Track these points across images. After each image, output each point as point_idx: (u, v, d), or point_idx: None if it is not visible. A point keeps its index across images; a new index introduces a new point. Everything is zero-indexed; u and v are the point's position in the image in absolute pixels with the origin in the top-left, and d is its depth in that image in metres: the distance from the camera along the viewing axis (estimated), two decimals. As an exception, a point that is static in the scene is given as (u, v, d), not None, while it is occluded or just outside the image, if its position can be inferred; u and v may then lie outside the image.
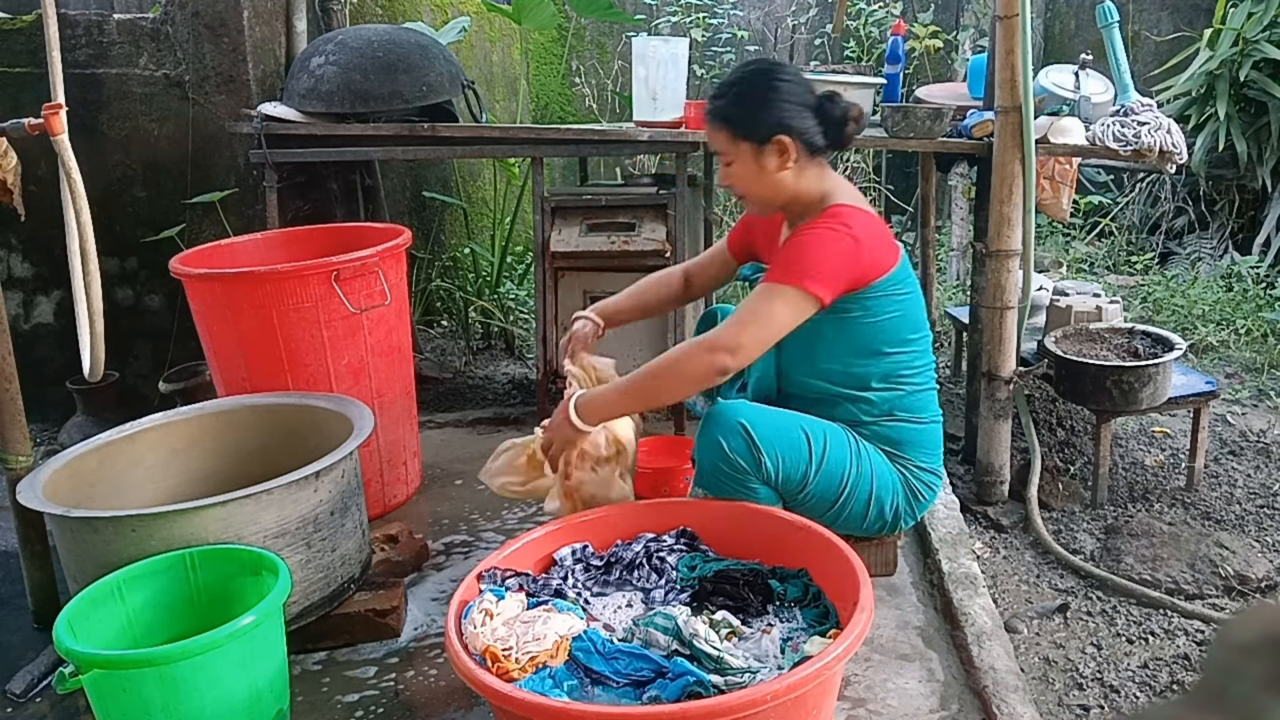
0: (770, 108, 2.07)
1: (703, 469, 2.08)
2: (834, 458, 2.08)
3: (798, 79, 2.13)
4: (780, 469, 2.03)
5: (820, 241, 2.01)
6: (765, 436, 2.01)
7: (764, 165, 2.09)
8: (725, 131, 2.11)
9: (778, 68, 2.15)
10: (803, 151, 2.09)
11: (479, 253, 4.38)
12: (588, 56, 6.20)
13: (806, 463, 2.05)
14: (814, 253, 2.01)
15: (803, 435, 2.06)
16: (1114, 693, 2.06)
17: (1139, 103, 2.78)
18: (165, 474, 2.42)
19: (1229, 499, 2.85)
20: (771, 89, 2.08)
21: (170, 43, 3.40)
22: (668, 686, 1.59)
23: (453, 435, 3.38)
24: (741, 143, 2.09)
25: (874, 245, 2.06)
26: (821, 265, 1.99)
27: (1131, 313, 4.33)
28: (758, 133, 2.07)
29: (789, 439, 2.04)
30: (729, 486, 2.05)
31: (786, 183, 2.11)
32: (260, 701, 1.78)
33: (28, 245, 3.54)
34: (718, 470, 2.04)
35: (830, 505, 2.11)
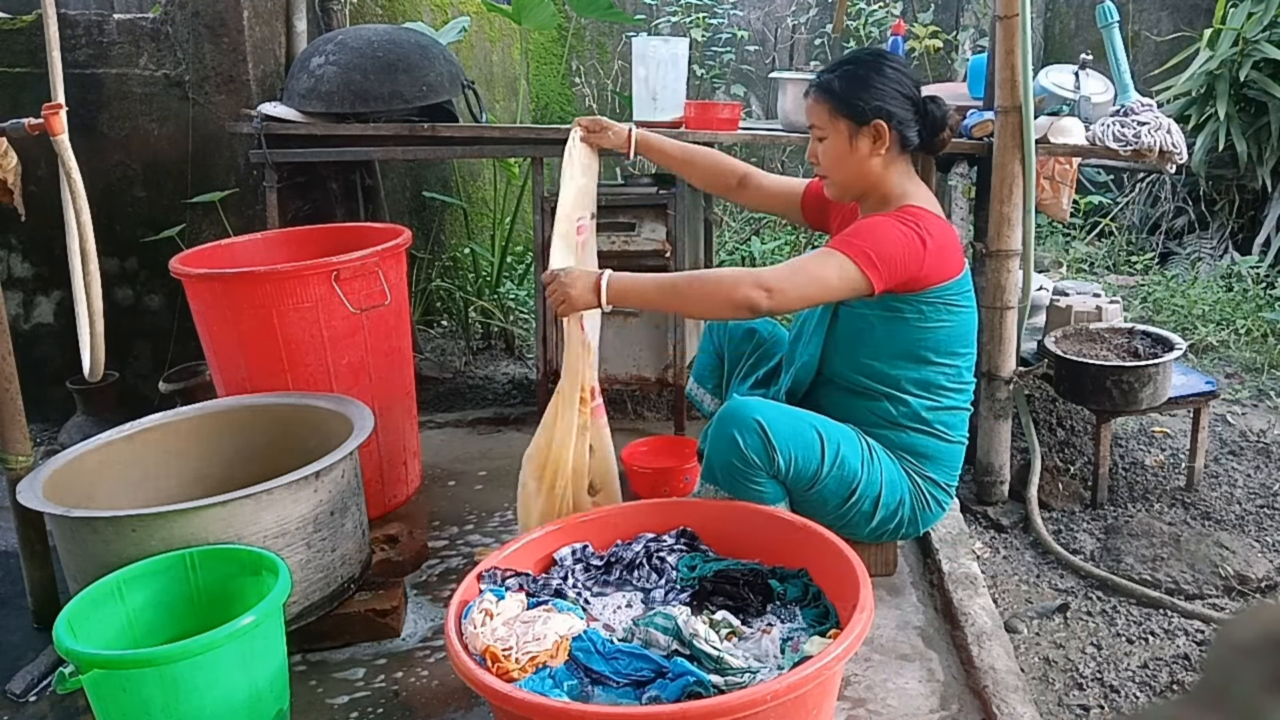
0: (875, 90, 2.08)
1: (713, 464, 2.08)
2: (846, 460, 2.09)
3: (908, 71, 2.15)
4: (793, 466, 2.03)
5: (890, 229, 2.02)
6: (780, 434, 2.02)
7: (856, 146, 2.10)
8: (827, 104, 2.12)
9: (891, 56, 2.17)
10: (895, 142, 2.11)
11: (479, 253, 4.38)
12: (588, 56, 6.20)
13: (819, 463, 2.06)
14: (881, 236, 2.01)
15: (816, 435, 2.07)
16: (1114, 693, 2.06)
17: (1139, 103, 2.78)
18: (165, 474, 2.42)
19: (1229, 499, 2.85)
20: (881, 74, 2.10)
21: (170, 43, 3.40)
22: (668, 686, 1.59)
23: (453, 435, 3.38)
24: (840, 119, 2.11)
25: (941, 251, 2.06)
26: (885, 249, 1.99)
27: (1131, 313, 4.33)
28: (859, 112, 2.09)
29: (803, 438, 2.05)
30: (739, 483, 2.05)
31: (872, 169, 2.12)
32: (260, 701, 1.78)
33: (28, 245, 3.54)
34: (731, 467, 2.04)
35: (838, 506, 2.12)
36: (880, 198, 2.16)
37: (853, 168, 2.13)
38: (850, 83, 2.10)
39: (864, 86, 2.09)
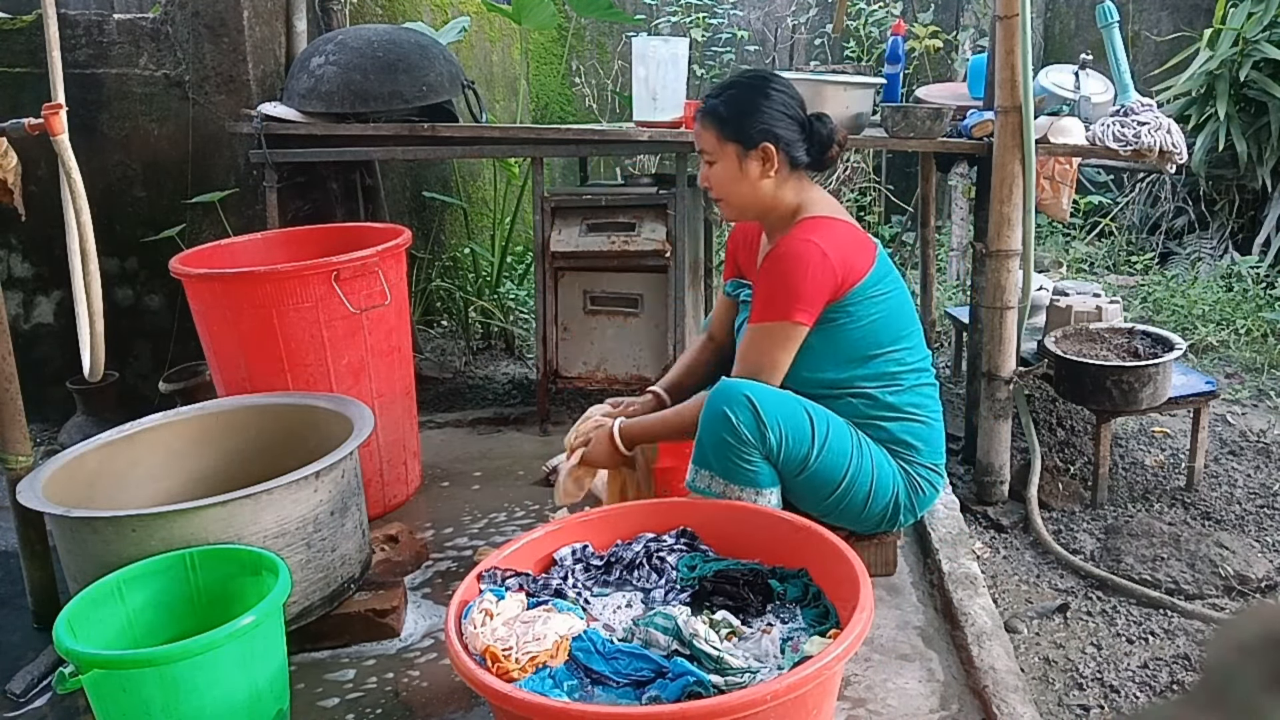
0: (761, 114, 2.11)
1: (705, 444, 2.08)
2: (836, 442, 2.10)
3: (792, 92, 2.17)
4: (784, 445, 2.04)
5: (793, 266, 2.06)
6: (771, 410, 2.03)
7: (746, 170, 2.14)
8: (714, 131, 2.14)
9: (775, 78, 2.19)
10: (784, 163, 2.13)
11: (479, 253, 4.38)
12: (588, 56, 6.20)
13: (809, 443, 2.06)
14: (789, 280, 2.06)
15: (806, 415, 2.08)
16: (1114, 693, 2.06)
17: (1139, 103, 2.78)
18: (165, 474, 2.42)
19: (1229, 499, 2.85)
20: (766, 96, 2.12)
21: (170, 43, 3.40)
22: (668, 686, 1.59)
23: (453, 435, 3.38)
24: (728, 144, 2.13)
25: (845, 254, 2.09)
26: (798, 291, 2.05)
27: (1131, 313, 4.33)
28: (746, 136, 2.11)
29: (794, 417, 2.06)
30: (732, 463, 2.05)
31: (764, 191, 2.15)
32: (260, 701, 1.78)
33: (28, 245, 3.54)
34: (723, 444, 2.04)
35: (830, 492, 2.12)
36: (778, 216, 2.19)
37: (745, 190, 2.16)
38: (736, 107, 2.13)
39: (749, 110, 2.12)
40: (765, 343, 2.09)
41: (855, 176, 5.73)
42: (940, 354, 4.13)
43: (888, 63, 3.50)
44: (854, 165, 5.69)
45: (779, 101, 2.13)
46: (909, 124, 2.92)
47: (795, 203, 2.18)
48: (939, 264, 4.74)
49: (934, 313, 3.91)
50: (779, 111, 2.13)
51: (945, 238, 5.27)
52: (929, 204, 3.90)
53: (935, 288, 3.99)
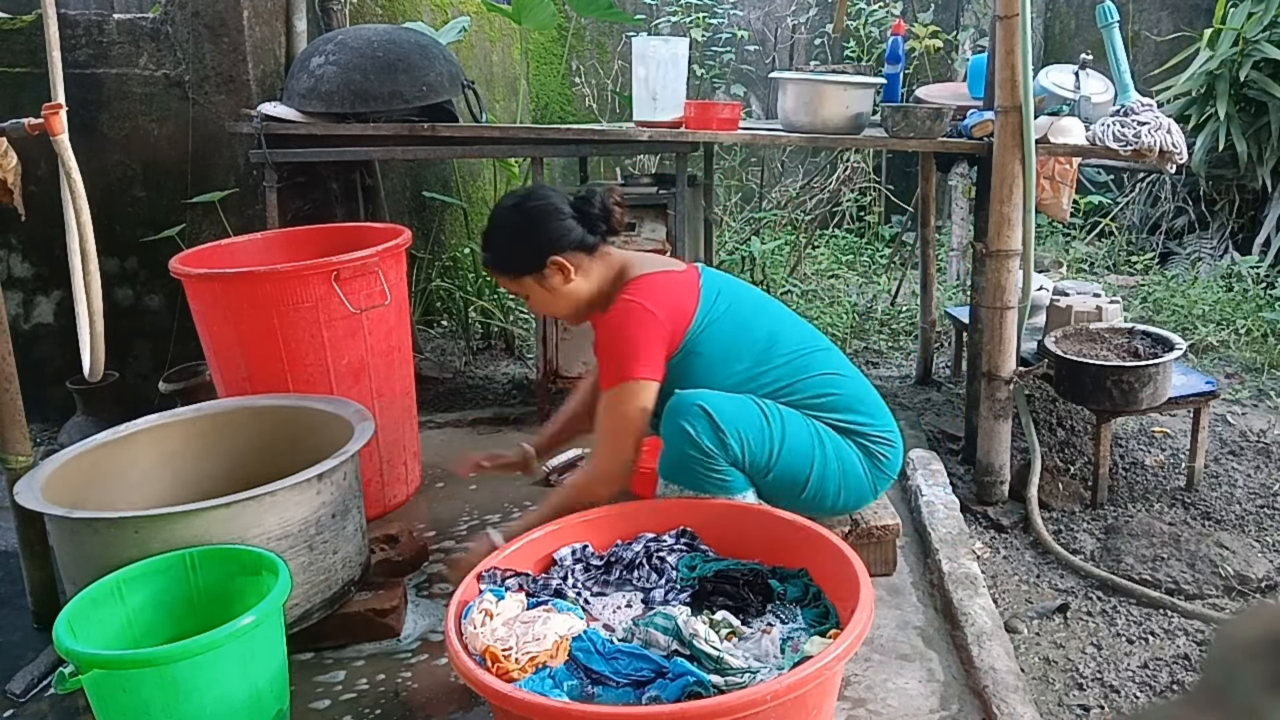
0: (530, 239, 2.15)
1: (669, 459, 2.09)
2: (794, 435, 2.11)
3: (546, 197, 2.19)
4: (746, 448, 2.06)
5: (619, 330, 2.10)
6: (727, 417, 2.04)
7: (551, 286, 2.17)
8: (504, 277, 2.23)
9: (523, 198, 2.22)
10: (580, 258, 2.16)
11: (479, 253, 4.37)
12: (588, 56, 6.20)
13: (769, 440, 2.08)
14: (620, 343, 2.09)
15: (761, 414, 2.09)
16: (1114, 693, 2.06)
17: (1139, 103, 2.78)
18: (161, 476, 2.42)
19: (1229, 499, 2.85)
20: (524, 220, 2.16)
21: (170, 43, 3.40)
22: (668, 686, 1.59)
23: (453, 435, 3.38)
24: (523, 278, 2.18)
25: (667, 301, 2.12)
26: (632, 351, 2.08)
27: (1131, 313, 4.33)
28: (531, 265, 2.15)
29: (749, 417, 2.07)
30: (699, 474, 2.06)
31: (581, 290, 2.20)
32: (260, 701, 1.78)
33: (28, 245, 3.54)
34: (686, 458, 2.05)
35: (803, 485, 2.13)
36: (604, 297, 2.21)
37: (564, 301, 2.20)
38: (504, 249, 2.19)
39: (517, 245, 2.16)
40: (614, 408, 2.10)
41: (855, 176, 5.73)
42: (940, 354, 4.13)
43: (888, 63, 3.50)
44: (854, 165, 5.69)
45: (538, 216, 2.15)
46: (909, 124, 2.92)
47: (612, 276, 2.20)
48: (939, 264, 4.74)
49: (934, 313, 3.91)
50: (543, 226, 2.14)
51: (945, 238, 5.27)
52: (929, 204, 3.90)
53: (935, 288, 3.99)
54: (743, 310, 2.22)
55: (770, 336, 2.21)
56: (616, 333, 2.11)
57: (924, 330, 3.88)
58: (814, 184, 5.91)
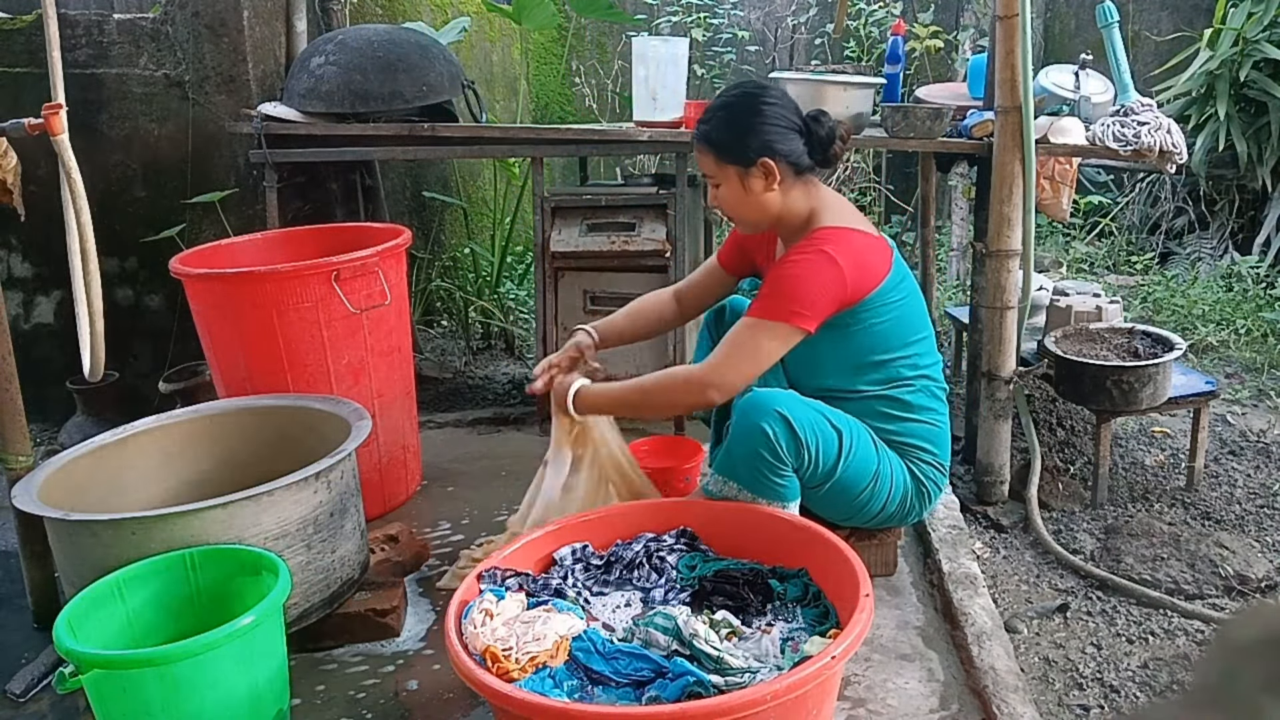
0: (755, 131, 2.10)
1: (736, 456, 2.06)
2: (860, 451, 2.12)
3: (783, 100, 2.15)
4: (820, 457, 2.05)
5: (804, 273, 2.05)
6: (804, 425, 2.03)
7: (750, 187, 2.13)
8: (711, 155, 2.14)
9: (763, 90, 2.17)
10: (788, 172, 2.12)
11: (479, 253, 4.38)
12: (588, 56, 6.20)
13: (836, 455, 2.08)
14: (799, 284, 2.05)
15: (832, 427, 2.09)
16: (1114, 693, 2.06)
17: (1139, 103, 2.78)
18: (159, 477, 2.41)
19: (1229, 499, 2.85)
20: (757, 113, 2.11)
21: (170, 43, 3.40)
22: (668, 686, 1.59)
23: (453, 435, 3.38)
24: (728, 166, 2.13)
25: (859, 265, 2.09)
26: (806, 297, 2.03)
27: (1131, 313, 4.33)
28: (743, 156, 2.11)
29: (823, 429, 2.07)
30: (764, 478, 2.04)
31: (773, 203, 2.14)
32: (260, 701, 1.78)
33: (28, 245, 3.54)
34: (757, 459, 2.03)
35: (854, 498, 2.14)
36: (791, 224, 2.18)
37: (753, 206, 2.15)
38: (728, 129, 2.12)
39: (742, 130, 2.11)
40: (755, 334, 2.06)
41: (855, 176, 5.73)
42: (940, 354, 4.13)
43: (888, 63, 3.50)
44: (854, 165, 5.69)
45: (771, 114, 2.11)
46: (909, 124, 2.91)
47: (807, 209, 2.16)
48: (939, 264, 4.74)
49: (934, 313, 3.91)
50: (772, 125, 2.11)
51: (945, 238, 5.27)
52: (929, 204, 3.89)
53: (935, 288, 3.99)
54: (914, 304, 2.20)
55: (921, 341, 2.21)
56: (798, 273, 2.05)
57: (924, 330, 3.87)
58: (814, 184, 5.90)
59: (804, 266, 2.06)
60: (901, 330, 2.17)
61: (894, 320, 2.15)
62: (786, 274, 2.07)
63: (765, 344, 2.05)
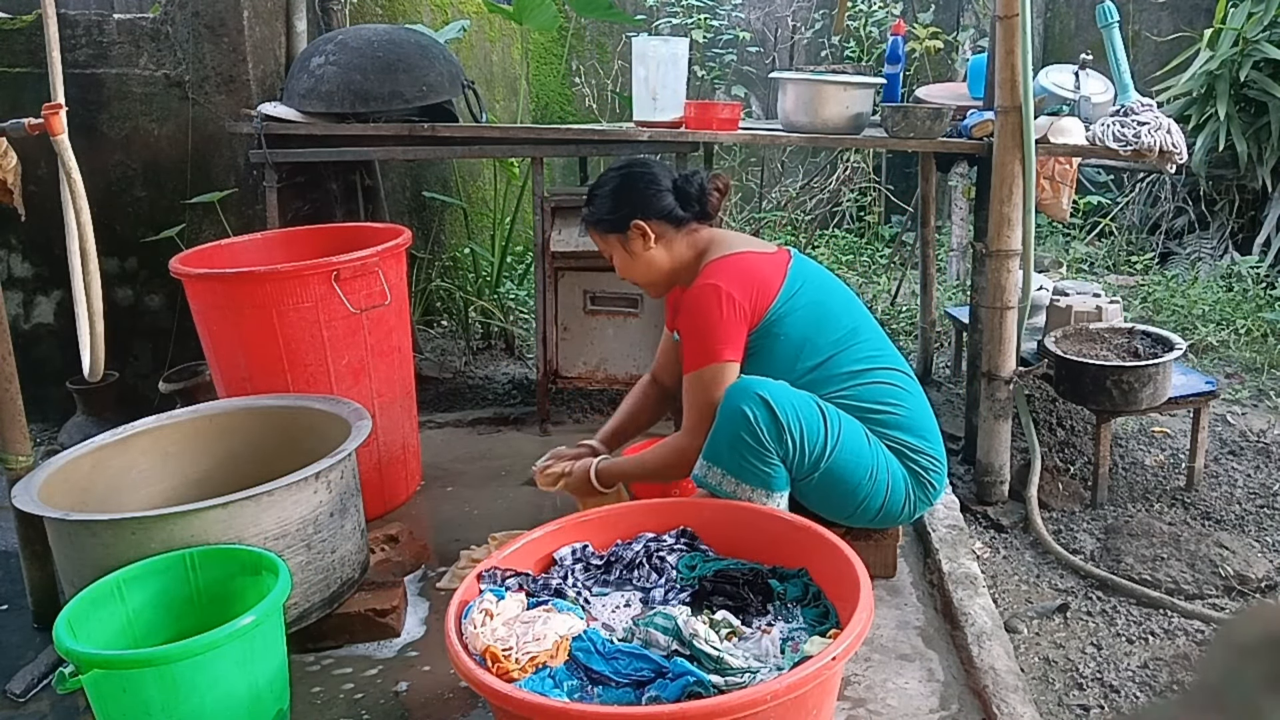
0: (621, 201, 2.27)
1: (720, 440, 2.09)
2: (849, 440, 2.12)
3: (651, 169, 2.31)
4: (804, 441, 2.06)
5: (701, 313, 2.17)
6: (785, 408, 2.05)
7: (632, 250, 2.29)
8: (596, 232, 2.34)
9: (631, 164, 2.34)
10: (665, 228, 2.27)
11: (479, 253, 4.38)
12: (588, 56, 6.20)
13: (823, 444, 2.08)
14: (703, 325, 2.16)
15: (819, 414, 2.10)
16: (1114, 693, 2.06)
17: (1139, 103, 2.78)
18: (159, 478, 2.41)
19: (1229, 499, 2.85)
20: (625, 186, 2.29)
21: (170, 43, 3.39)
22: (668, 686, 1.59)
23: (453, 435, 3.37)
24: (609, 236, 2.31)
25: (749, 283, 2.18)
26: (714, 332, 2.15)
27: (1131, 313, 4.33)
28: (618, 225, 2.28)
29: (808, 416, 2.08)
30: (747, 463, 2.05)
31: (660, 259, 2.29)
32: (260, 701, 1.78)
33: (28, 245, 3.54)
34: (739, 442, 2.05)
35: (851, 490, 2.14)
36: (686, 273, 2.30)
37: (644, 267, 2.31)
38: (598, 206, 2.31)
39: (610, 203, 2.29)
40: (703, 386, 2.17)
41: (855, 176, 5.73)
42: (940, 354, 4.13)
43: (888, 63, 3.50)
44: (854, 165, 5.69)
45: (638, 181, 2.27)
46: (909, 124, 2.92)
47: (695, 254, 2.30)
48: (939, 264, 4.74)
49: (934, 313, 3.91)
50: (639, 190, 2.26)
51: (945, 238, 5.27)
52: (929, 204, 3.89)
53: (935, 288, 3.99)
54: (828, 303, 2.26)
55: (850, 335, 2.24)
56: (698, 314, 2.17)
57: (924, 330, 3.88)
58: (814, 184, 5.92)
59: (698, 306, 2.17)
60: (823, 327, 2.21)
61: (810, 320, 2.20)
62: (689, 321, 2.20)
63: (710, 389, 2.15)
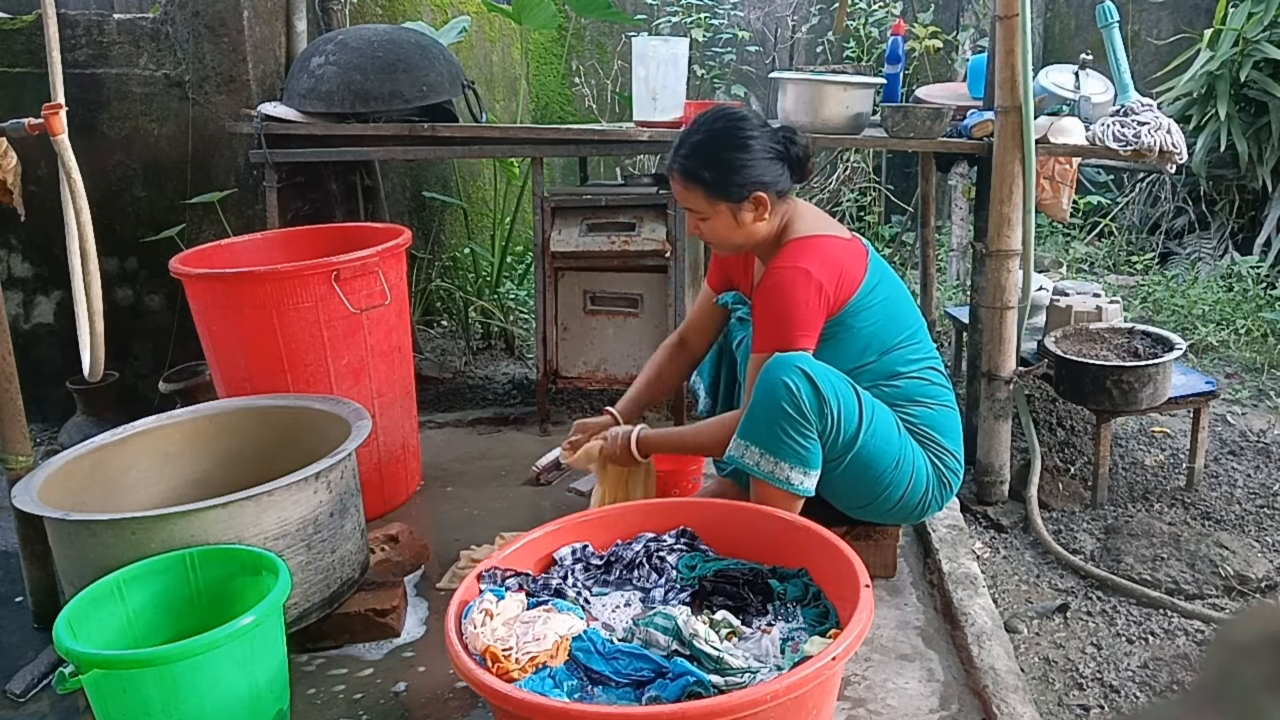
0: (745, 167, 2.09)
1: (758, 416, 2.05)
2: (881, 424, 2.11)
3: (763, 129, 2.15)
4: (841, 418, 2.03)
5: (788, 295, 2.07)
6: (826, 382, 2.03)
7: (741, 220, 2.14)
8: (700, 191, 2.12)
9: (743, 120, 2.15)
10: (775, 199, 2.14)
11: (479, 253, 4.38)
12: (588, 56, 6.20)
13: (858, 420, 2.07)
14: (786, 308, 2.07)
15: (853, 391, 2.09)
16: (1114, 693, 2.06)
17: (1139, 103, 2.78)
18: (159, 478, 2.41)
19: (1229, 499, 2.85)
20: (743, 147, 2.10)
21: (170, 43, 3.39)
22: (668, 686, 1.59)
23: (453, 435, 3.38)
24: (718, 203, 2.12)
25: (837, 273, 2.11)
26: (796, 318, 2.07)
27: (1131, 313, 4.33)
28: (736, 193, 2.10)
29: (844, 391, 2.07)
30: (787, 437, 2.02)
31: (761, 230, 2.17)
32: (260, 701, 1.78)
33: (28, 245, 3.54)
34: (781, 415, 2.01)
35: (877, 478, 2.12)
36: (770, 244, 2.21)
37: (743, 236, 2.17)
38: (717, 167, 2.09)
39: (733, 168, 2.09)
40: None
41: (855, 176, 5.73)
42: (940, 354, 4.13)
43: (888, 63, 3.50)
44: (854, 165, 5.69)
45: (757, 147, 2.10)
46: (909, 124, 2.91)
47: (780, 226, 2.20)
48: (939, 264, 4.74)
49: (934, 313, 3.91)
50: (760, 157, 2.10)
51: (945, 238, 5.27)
52: (929, 204, 3.89)
53: (935, 288, 3.99)
54: (899, 302, 2.22)
55: (911, 337, 2.22)
56: (782, 295, 2.08)
57: (924, 330, 3.87)
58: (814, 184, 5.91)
59: (786, 288, 2.08)
60: (892, 326, 2.19)
61: (882, 318, 2.17)
62: (772, 300, 2.09)
63: None
